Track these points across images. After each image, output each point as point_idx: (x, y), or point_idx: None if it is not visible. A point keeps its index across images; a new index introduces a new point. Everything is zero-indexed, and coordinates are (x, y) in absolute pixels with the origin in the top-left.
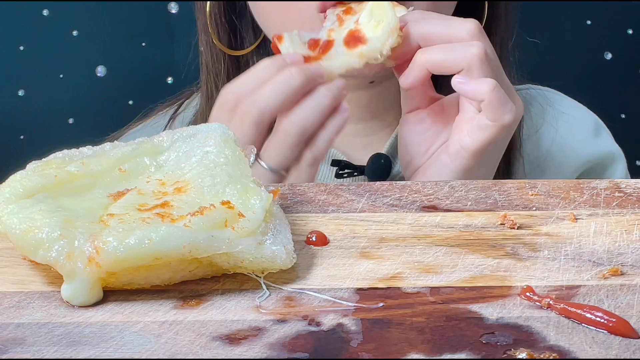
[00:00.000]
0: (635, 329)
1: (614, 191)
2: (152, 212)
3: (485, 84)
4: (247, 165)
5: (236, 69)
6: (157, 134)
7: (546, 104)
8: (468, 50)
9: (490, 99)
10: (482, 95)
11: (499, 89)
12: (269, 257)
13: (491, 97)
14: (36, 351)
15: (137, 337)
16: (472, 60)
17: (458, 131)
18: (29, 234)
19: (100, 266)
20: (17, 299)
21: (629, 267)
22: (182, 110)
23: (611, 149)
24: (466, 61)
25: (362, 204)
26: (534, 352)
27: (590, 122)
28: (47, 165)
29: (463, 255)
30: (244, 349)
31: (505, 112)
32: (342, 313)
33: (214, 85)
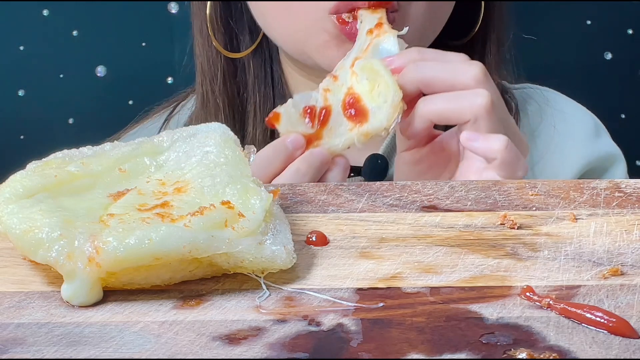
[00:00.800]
0: (635, 329)
1: (614, 191)
2: (152, 212)
3: (497, 142)
4: (247, 165)
5: (232, 72)
6: (157, 134)
7: (544, 103)
8: (474, 101)
9: (503, 157)
10: (494, 154)
11: (511, 146)
12: (269, 257)
13: (504, 155)
14: (36, 351)
15: (137, 337)
16: (479, 111)
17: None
18: (29, 234)
19: (100, 266)
20: (17, 299)
21: (629, 267)
22: (177, 112)
23: (612, 150)
24: (472, 112)
25: (362, 204)
26: (534, 352)
27: (590, 122)
28: (47, 165)
29: (463, 255)
30: (244, 349)
31: (518, 169)
32: (342, 313)
33: (209, 88)
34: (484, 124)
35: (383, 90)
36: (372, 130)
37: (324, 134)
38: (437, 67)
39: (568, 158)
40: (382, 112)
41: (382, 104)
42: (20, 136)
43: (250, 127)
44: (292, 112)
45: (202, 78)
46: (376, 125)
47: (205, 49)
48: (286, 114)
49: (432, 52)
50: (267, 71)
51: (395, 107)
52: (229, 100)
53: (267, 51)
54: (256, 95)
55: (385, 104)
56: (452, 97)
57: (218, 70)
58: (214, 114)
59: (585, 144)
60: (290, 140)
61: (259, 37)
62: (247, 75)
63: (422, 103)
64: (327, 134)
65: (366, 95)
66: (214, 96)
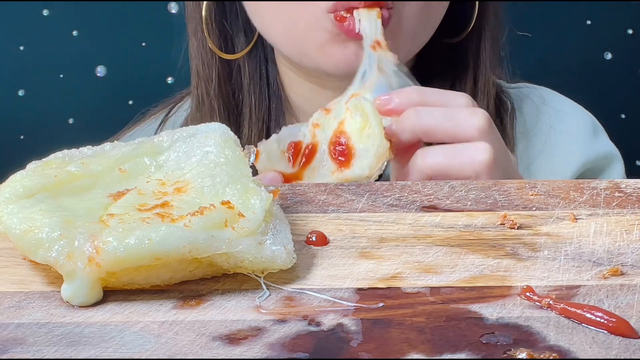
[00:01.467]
0: (635, 329)
1: (614, 191)
2: (152, 212)
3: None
4: (247, 165)
5: (227, 74)
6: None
7: (540, 102)
8: (475, 157)
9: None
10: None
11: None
12: (269, 257)
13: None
14: (36, 351)
15: (137, 337)
16: (480, 169)
17: None
18: (29, 234)
19: (100, 266)
20: (17, 299)
21: (629, 267)
22: (173, 113)
23: (609, 150)
24: (474, 170)
25: (362, 204)
26: (534, 352)
27: (588, 121)
28: (47, 165)
29: (463, 255)
30: (244, 349)
31: None
32: (342, 313)
33: (204, 90)
34: (485, 179)
35: (372, 134)
36: (353, 177)
37: (305, 174)
38: (439, 116)
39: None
40: (365, 159)
41: (369, 148)
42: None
43: (246, 128)
44: (274, 149)
45: (197, 80)
46: (357, 173)
47: (200, 51)
48: (266, 151)
49: (433, 94)
50: (262, 73)
51: (379, 157)
52: (224, 102)
53: (262, 52)
54: (251, 97)
55: (369, 152)
56: (452, 152)
57: (213, 72)
58: (210, 116)
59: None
60: (267, 179)
61: (254, 39)
62: (243, 77)
63: (420, 157)
64: (307, 174)
65: (356, 134)
66: (209, 98)
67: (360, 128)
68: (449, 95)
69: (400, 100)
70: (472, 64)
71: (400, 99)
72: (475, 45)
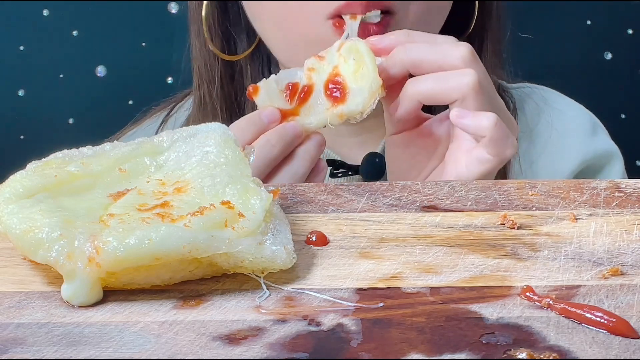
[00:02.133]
0: (635, 329)
1: (614, 191)
2: (152, 212)
3: (486, 119)
4: (247, 165)
5: (230, 75)
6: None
7: (541, 102)
8: (461, 80)
9: (492, 135)
10: (483, 131)
11: (500, 124)
12: (269, 257)
13: (493, 133)
14: (36, 351)
15: (137, 337)
16: (466, 91)
17: (454, 161)
18: (29, 234)
19: (100, 266)
20: (17, 299)
21: (629, 267)
22: (174, 113)
23: (609, 147)
24: (460, 92)
25: (362, 204)
26: (534, 352)
27: (587, 120)
28: (47, 165)
29: (463, 255)
30: (244, 349)
31: (507, 147)
32: (342, 313)
33: (207, 92)
34: (472, 103)
35: (366, 72)
36: (347, 112)
37: (301, 111)
38: (425, 49)
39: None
40: (359, 96)
41: (362, 86)
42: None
43: None
44: (273, 87)
45: (199, 81)
46: (352, 109)
47: (203, 52)
48: (265, 88)
49: (420, 34)
50: (264, 74)
51: (372, 93)
52: (227, 104)
53: (264, 54)
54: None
55: (363, 89)
56: (440, 77)
57: (215, 74)
58: (212, 117)
59: (583, 141)
60: (265, 113)
61: (256, 40)
62: (245, 78)
63: (410, 84)
64: (304, 112)
65: (350, 76)
66: (212, 99)
67: (354, 70)
68: (436, 37)
69: (391, 39)
70: None
71: (390, 38)
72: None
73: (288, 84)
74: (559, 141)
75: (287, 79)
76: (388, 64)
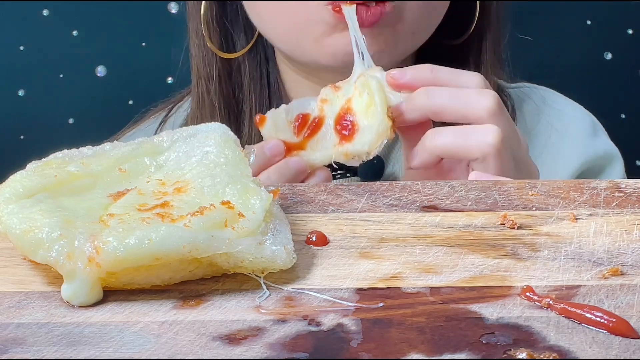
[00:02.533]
0: (635, 329)
1: (614, 191)
2: (152, 212)
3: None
4: (247, 165)
5: (228, 72)
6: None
7: (541, 102)
8: (484, 139)
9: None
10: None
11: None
12: (269, 257)
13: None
14: (36, 351)
15: (137, 337)
16: (488, 151)
17: None
18: (29, 234)
19: (100, 266)
20: (17, 299)
21: (629, 267)
22: (172, 113)
23: (609, 149)
24: (481, 151)
25: (362, 204)
26: (534, 352)
27: (588, 121)
28: (47, 165)
29: (463, 255)
30: (244, 349)
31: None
32: (342, 313)
33: (205, 89)
34: (493, 163)
35: (375, 111)
36: (353, 152)
37: (309, 145)
38: (447, 96)
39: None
40: (367, 135)
41: (372, 125)
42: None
43: (246, 128)
44: (281, 118)
45: (197, 79)
46: (358, 148)
47: (201, 50)
48: (273, 118)
49: (445, 71)
50: (262, 72)
51: (380, 135)
52: (225, 101)
53: (262, 52)
54: (252, 96)
55: (372, 129)
56: (461, 133)
57: (214, 71)
58: (210, 115)
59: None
60: (269, 146)
61: (254, 37)
62: (243, 76)
63: (429, 137)
64: (311, 145)
65: (362, 111)
66: (210, 97)
67: (367, 105)
68: (462, 76)
69: (413, 75)
70: (474, 66)
71: (413, 74)
72: (477, 47)
73: (298, 114)
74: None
75: (298, 109)
76: (407, 108)
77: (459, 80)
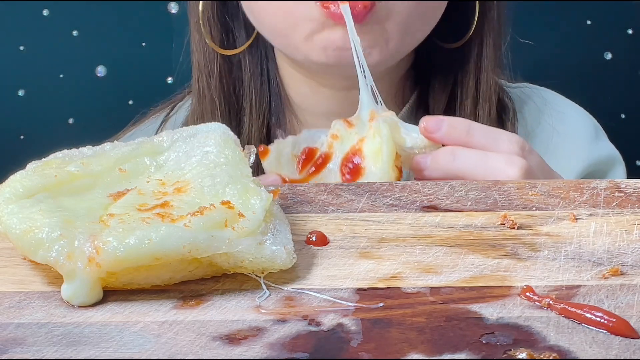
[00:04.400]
0: (635, 329)
1: (614, 191)
2: (152, 212)
3: None
4: (247, 165)
5: (228, 69)
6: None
7: (542, 104)
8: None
9: None
10: None
11: None
12: (269, 257)
13: None
14: (36, 351)
15: (137, 337)
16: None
17: None
18: (29, 234)
19: (100, 266)
20: (17, 299)
21: (629, 267)
22: (173, 113)
23: (611, 153)
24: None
25: (362, 204)
26: (534, 352)
27: (590, 125)
28: (47, 165)
29: (463, 255)
30: (244, 349)
31: None
32: (342, 313)
33: (205, 85)
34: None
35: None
36: None
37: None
38: (473, 162)
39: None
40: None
41: (376, 172)
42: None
43: (247, 124)
44: (286, 151)
45: (198, 74)
46: None
47: (202, 45)
48: (277, 151)
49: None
50: (263, 68)
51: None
52: (225, 97)
53: (262, 48)
54: (252, 92)
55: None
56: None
57: (214, 66)
58: (210, 111)
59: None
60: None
61: (254, 34)
62: (243, 72)
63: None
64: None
65: (371, 155)
66: (210, 92)
67: (377, 150)
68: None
69: (448, 133)
70: (474, 69)
71: (449, 132)
72: (477, 51)
73: (305, 148)
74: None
75: (306, 142)
76: (430, 167)
77: (493, 145)
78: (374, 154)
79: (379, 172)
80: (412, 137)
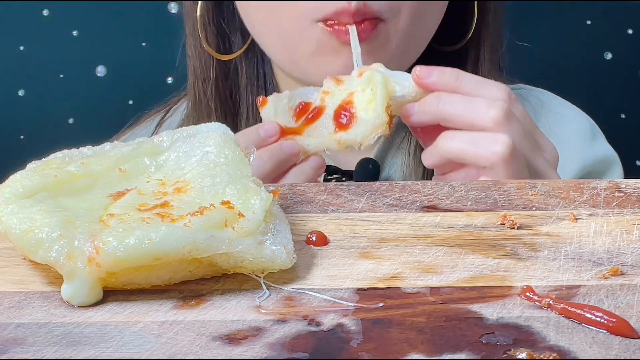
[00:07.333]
0: (635, 329)
1: (614, 191)
2: (152, 212)
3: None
4: (247, 165)
5: (225, 73)
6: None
7: (538, 105)
8: (492, 148)
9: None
10: None
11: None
12: (269, 257)
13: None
14: (36, 351)
15: (137, 337)
16: (495, 160)
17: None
18: (29, 234)
19: (100, 266)
20: (17, 299)
21: (629, 267)
22: (169, 116)
23: (608, 153)
24: (489, 160)
25: (362, 204)
26: (534, 352)
27: (587, 125)
28: (47, 165)
29: (463, 255)
30: (244, 349)
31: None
32: (342, 313)
33: (201, 90)
34: (502, 171)
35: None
36: (346, 140)
37: (305, 131)
38: (458, 105)
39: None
40: (362, 127)
41: (369, 118)
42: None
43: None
44: (283, 102)
45: (194, 79)
46: (351, 138)
47: (198, 50)
48: (274, 102)
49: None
50: (259, 72)
51: (374, 128)
52: (221, 102)
53: (258, 53)
54: (248, 97)
55: (368, 122)
56: (472, 140)
57: (210, 72)
58: (206, 116)
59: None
60: (264, 128)
61: (250, 39)
62: (240, 77)
63: (442, 139)
64: (307, 132)
65: (363, 104)
66: (206, 98)
67: (369, 100)
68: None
69: (439, 78)
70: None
71: (439, 78)
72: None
73: (300, 102)
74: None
75: (300, 97)
76: (417, 111)
77: (480, 91)
78: (365, 104)
79: (372, 117)
80: (403, 85)
